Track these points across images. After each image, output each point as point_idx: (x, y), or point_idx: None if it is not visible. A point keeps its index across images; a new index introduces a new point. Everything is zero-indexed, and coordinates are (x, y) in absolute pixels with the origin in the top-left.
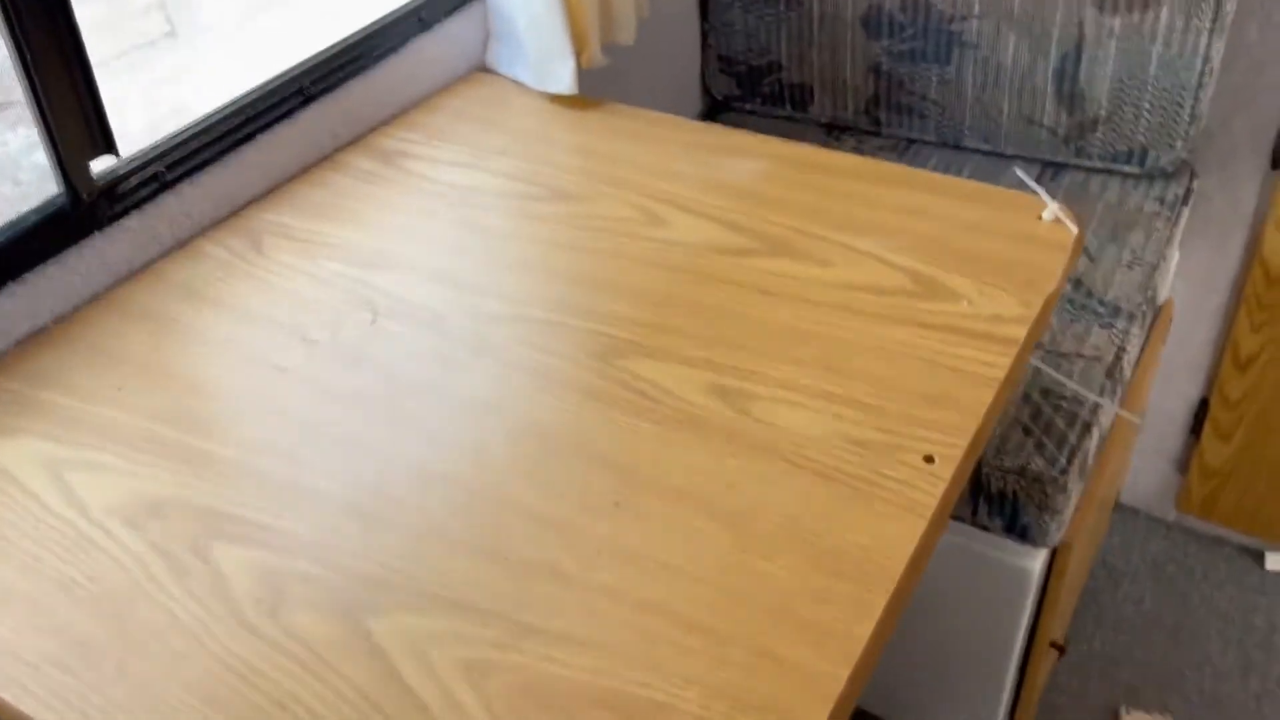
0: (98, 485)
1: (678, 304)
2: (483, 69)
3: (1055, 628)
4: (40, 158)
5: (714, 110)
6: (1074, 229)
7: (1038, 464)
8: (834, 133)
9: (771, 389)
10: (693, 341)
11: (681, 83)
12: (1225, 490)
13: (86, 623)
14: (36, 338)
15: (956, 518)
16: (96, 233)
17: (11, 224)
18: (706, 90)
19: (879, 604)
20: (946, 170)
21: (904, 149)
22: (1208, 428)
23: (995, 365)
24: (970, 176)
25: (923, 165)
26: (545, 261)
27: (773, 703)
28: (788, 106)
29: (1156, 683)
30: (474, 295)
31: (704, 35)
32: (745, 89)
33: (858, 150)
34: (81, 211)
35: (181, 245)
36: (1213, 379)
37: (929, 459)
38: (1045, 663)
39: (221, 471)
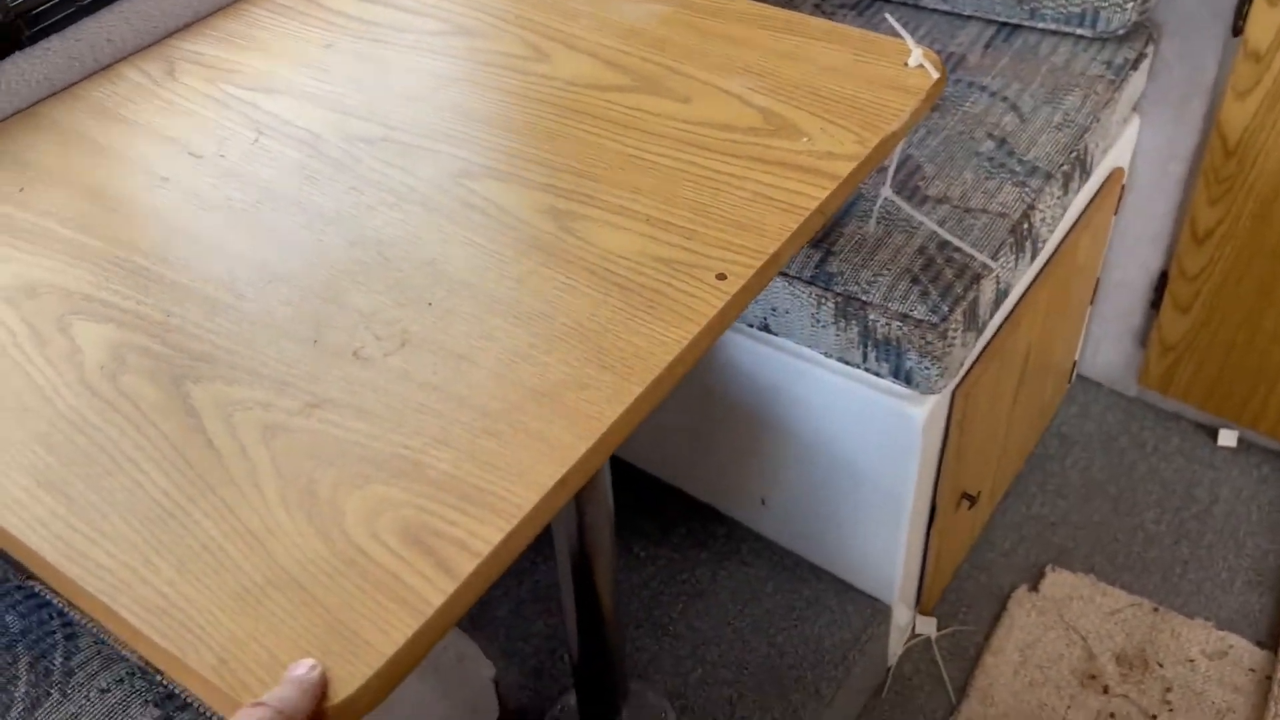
0: None
1: (539, 134)
2: None
3: (963, 477)
4: None
5: None
6: (935, 74)
7: (920, 311)
8: None
9: (600, 212)
10: (542, 168)
11: None
12: (1183, 365)
13: None
14: None
15: (850, 363)
16: (17, 52)
17: None
18: None
19: (634, 392)
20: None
21: (865, 7)
22: (1166, 300)
23: (810, 196)
24: (926, 35)
25: (880, 24)
26: (427, 92)
27: (515, 465)
28: None
29: (1088, 545)
30: (352, 119)
31: None
32: None
33: (819, 8)
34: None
35: (103, 68)
36: (1173, 251)
37: (721, 276)
38: (955, 511)
39: (94, 262)
